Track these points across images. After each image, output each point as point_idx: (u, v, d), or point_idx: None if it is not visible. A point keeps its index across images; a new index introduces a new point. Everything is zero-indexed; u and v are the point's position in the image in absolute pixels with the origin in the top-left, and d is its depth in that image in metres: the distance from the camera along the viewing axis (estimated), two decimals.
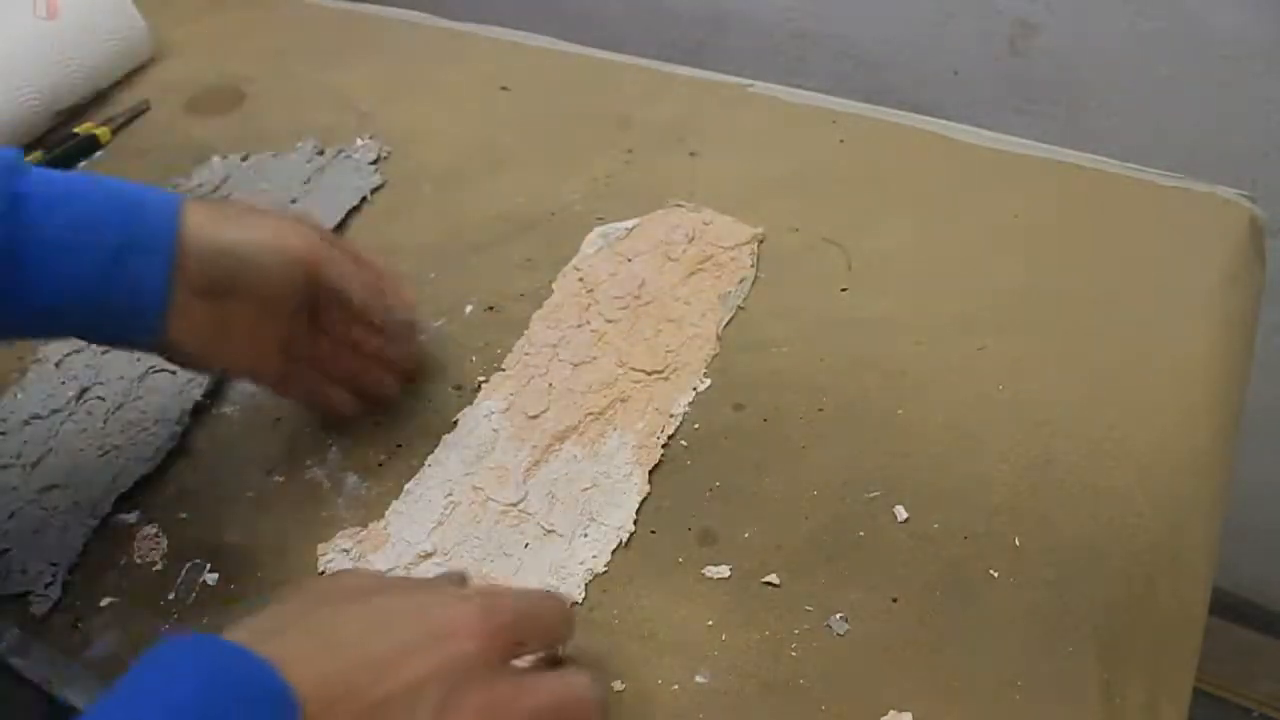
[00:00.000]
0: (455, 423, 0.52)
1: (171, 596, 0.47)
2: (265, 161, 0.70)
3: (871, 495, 0.47)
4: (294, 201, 0.66)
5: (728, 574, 0.45)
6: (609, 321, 0.55)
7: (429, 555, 0.47)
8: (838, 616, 0.43)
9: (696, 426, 0.51)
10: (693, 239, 0.59)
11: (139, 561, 0.49)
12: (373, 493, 0.50)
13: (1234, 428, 0.53)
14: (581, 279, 0.58)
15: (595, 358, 0.54)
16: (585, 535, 0.47)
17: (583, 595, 0.45)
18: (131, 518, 0.51)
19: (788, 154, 0.66)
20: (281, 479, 0.52)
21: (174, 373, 0.56)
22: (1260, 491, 0.99)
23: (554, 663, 0.39)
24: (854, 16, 0.89)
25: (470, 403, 0.53)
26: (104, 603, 0.48)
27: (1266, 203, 0.61)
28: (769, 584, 0.45)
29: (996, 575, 0.44)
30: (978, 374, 0.51)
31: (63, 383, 0.56)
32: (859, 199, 0.62)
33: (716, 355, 0.54)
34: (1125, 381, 0.50)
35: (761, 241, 0.59)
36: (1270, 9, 0.72)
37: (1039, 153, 0.64)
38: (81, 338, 0.45)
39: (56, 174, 0.42)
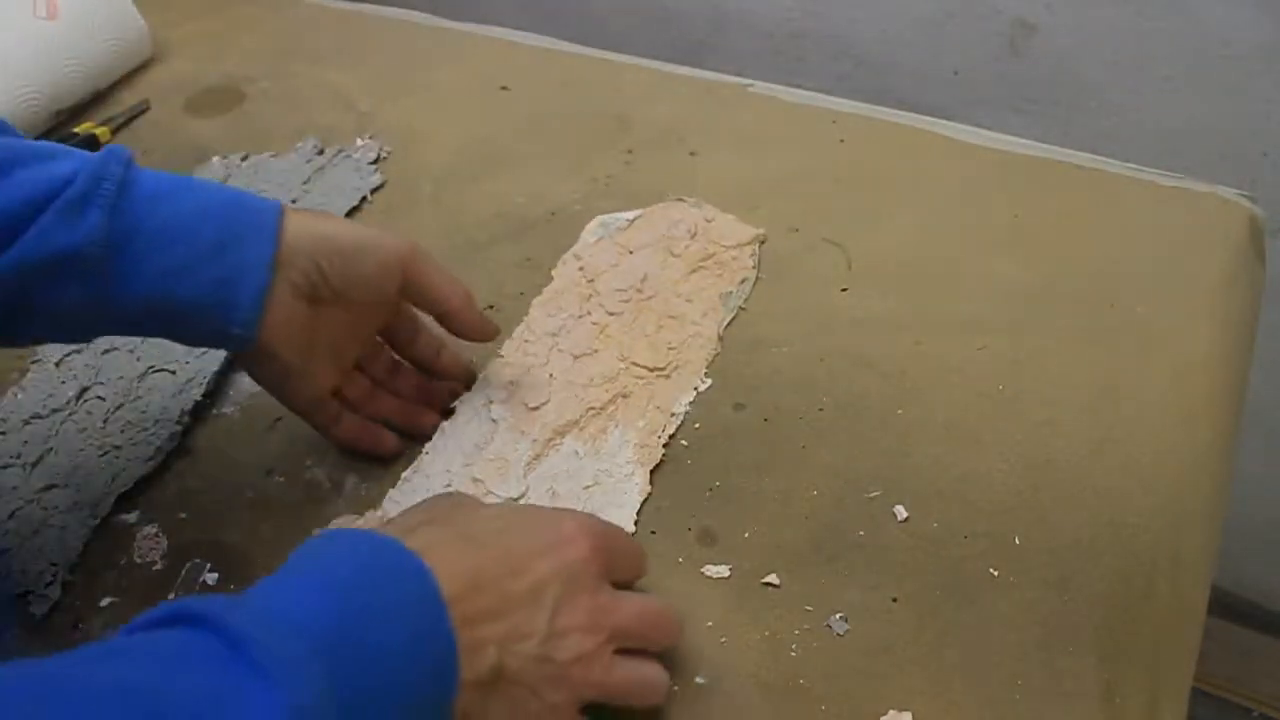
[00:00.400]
0: (453, 410, 0.52)
1: (171, 596, 0.47)
2: (265, 161, 0.70)
3: (871, 495, 0.47)
4: (294, 201, 0.66)
5: (728, 574, 0.45)
6: (610, 314, 0.55)
7: None
8: (838, 616, 0.43)
9: (697, 426, 0.51)
10: (695, 235, 0.59)
11: (139, 561, 0.49)
12: (372, 493, 0.50)
13: (1234, 427, 0.53)
14: (582, 268, 0.58)
15: (596, 350, 0.53)
16: None
17: None
18: (131, 518, 0.51)
19: (788, 154, 0.66)
20: (281, 479, 0.52)
21: (173, 372, 0.56)
22: (1260, 491, 0.99)
23: None
24: (854, 16, 0.89)
25: (468, 389, 0.53)
26: (104, 603, 0.48)
27: (1266, 203, 0.61)
28: (769, 584, 0.45)
29: (996, 575, 0.44)
30: (978, 374, 0.51)
31: (63, 383, 0.56)
32: (859, 199, 0.62)
33: (717, 355, 0.54)
34: (1125, 381, 0.50)
35: (763, 243, 0.59)
36: (1270, 9, 0.72)
37: (1039, 153, 0.64)
38: (172, 335, 0.45)
39: (162, 173, 0.44)
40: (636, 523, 0.47)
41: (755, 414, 0.51)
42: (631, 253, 0.58)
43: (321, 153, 0.71)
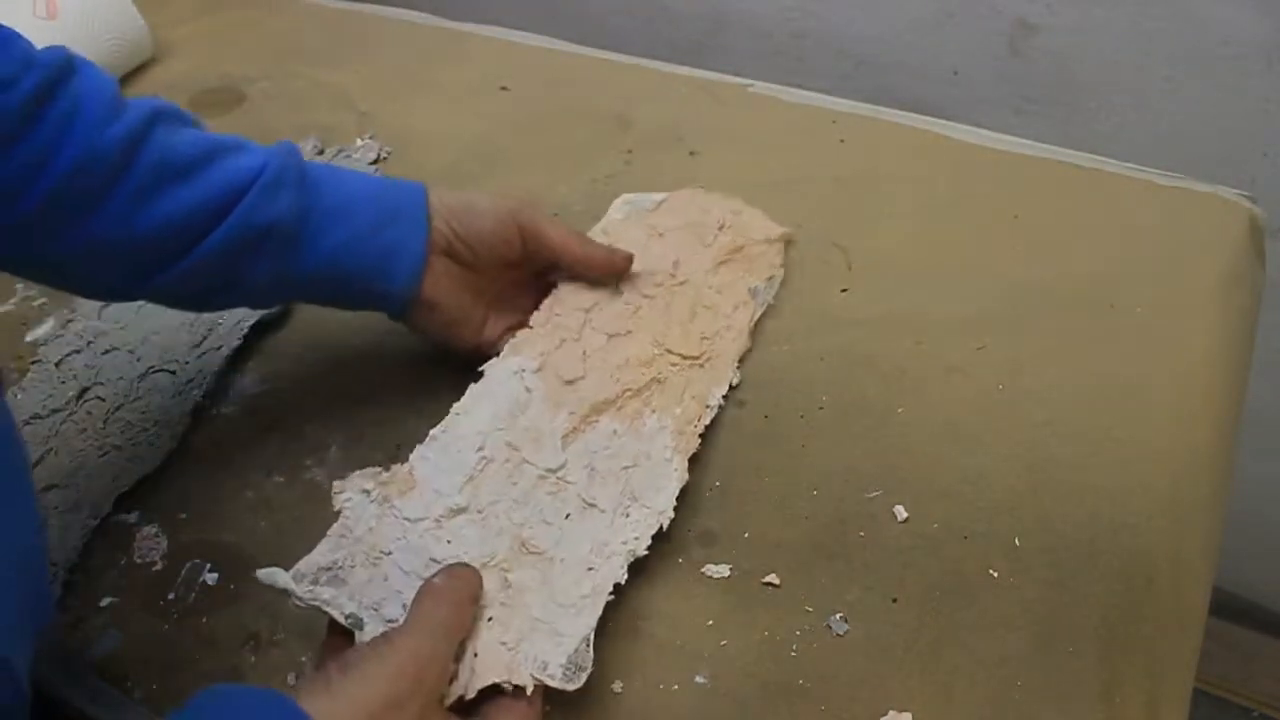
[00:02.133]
0: (481, 373, 0.50)
1: (171, 596, 0.47)
2: None
3: (871, 495, 0.47)
4: None
5: (728, 574, 0.45)
6: (644, 296, 0.53)
7: (462, 510, 0.44)
8: (838, 616, 0.43)
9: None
10: (724, 227, 0.58)
11: (139, 561, 0.49)
12: None
13: (1234, 428, 0.53)
14: (610, 244, 0.55)
15: (630, 331, 0.52)
16: (627, 515, 0.45)
17: (625, 577, 0.43)
18: (131, 518, 0.51)
19: (788, 154, 0.66)
20: (281, 479, 0.52)
21: (173, 373, 0.56)
22: (1260, 491, 0.99)
23: None
24: (854, 16, 0.89)
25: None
26: (104, 603, 0.48)
27: (1266, 203, 0.61)
28: (769, 584, 0.45)
29: (996, 575, 0.44)
30: (978, 374, 0.51)
31: (63, 383, 0.56)
32: (859, 199, 0.62)
33: (748, 352, 0.53)
34: (1125, 381, 0.50)
35: (790, 242, 0.59)
36: (1270, 9, 0.72)
37: (1039, 153, 0.64)
38: (340, 301, 0.51)
39: (316, 163, 0.50)
40: (676, 508, 0.45)
41: (755, 413, 0.51)
42: (661, 235, 0.57)
43: (321, 153, 0.70)
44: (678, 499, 0.46)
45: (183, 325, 0.59)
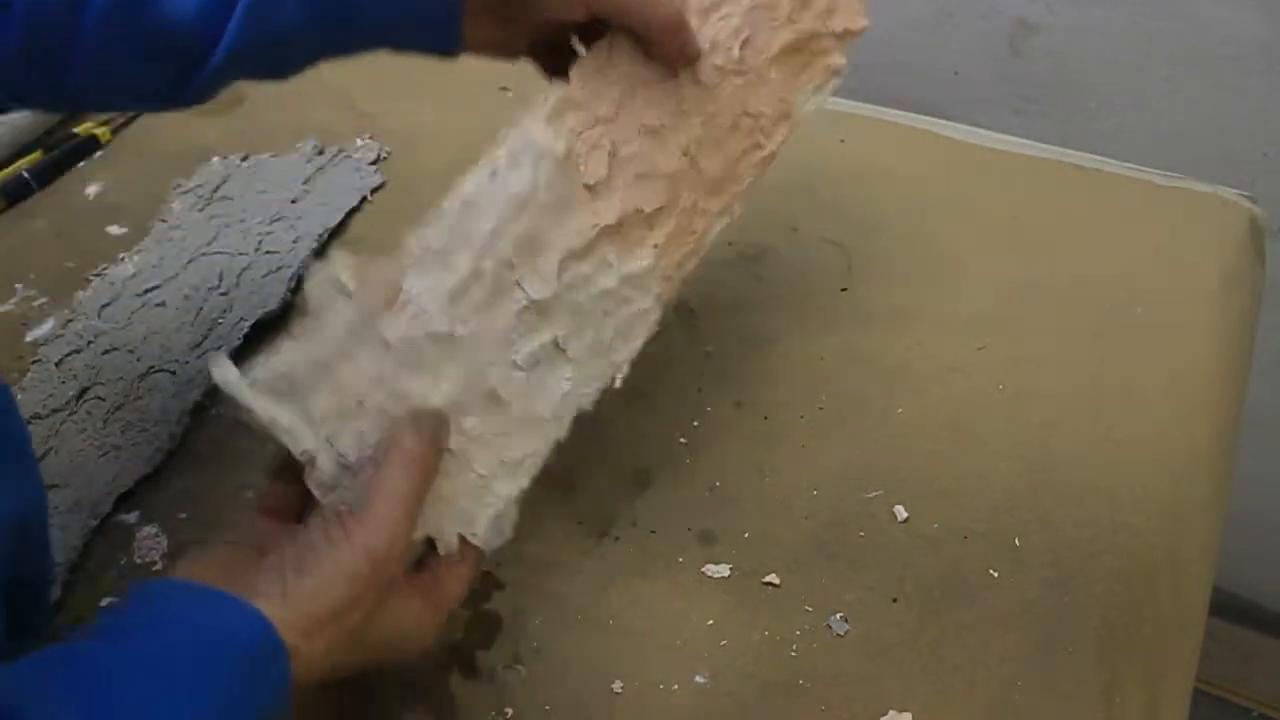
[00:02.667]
0: (502, 137, 0.43)
1: None
2: (265, 162, 0.70)
3: (871, 495, 0.47)
4: (294, 201, 0.66)
5: (728, 574, 0.45)
6: (697, 83, 0.46)
7: (442, 338, 0.40)
8: (838, 616, 0.43)
9: (696, 425, 0.51)
10: (808, 3, 0.48)
11: (139, 561, 0.49)
12: None
13: (1234, 428, 0.53)
14: None
15: (667, 129, 0.45)
16: (591, 367, 0.43)
17: (564, 434, 0.42)
18: (131, 518, 0.51)
19: (788, 154, 0.66)
20: None
21: (173, 373, 0.56)
22: (1260, 491, 0.99)
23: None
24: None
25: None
26: (104, 603, 0.48)
27: (1266, 203, 0.61)
28: (769, 584, 0.45)
29: (996, 575, 0.44)
30: (978, 373, 0.51)
31: (63, 383, 0.56)
32: (859, 199, 0.62)
33: (752, 183, 0.48)
34: (1125, 381, 0.50)
35: (858, 37, 0.50)
36: (1270, 9, 0.72)
37: (1039, 153, 0.64)
38: (385, 40, 0.46)
39: None
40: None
41: (755, 413, 0.51)
42: None
43: (321, 153, 0.70)
44: (682, 493, 0.46)
45: (183, 325, 0.59)
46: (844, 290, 0.57)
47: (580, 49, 0.45)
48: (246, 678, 0.31)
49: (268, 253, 0.63)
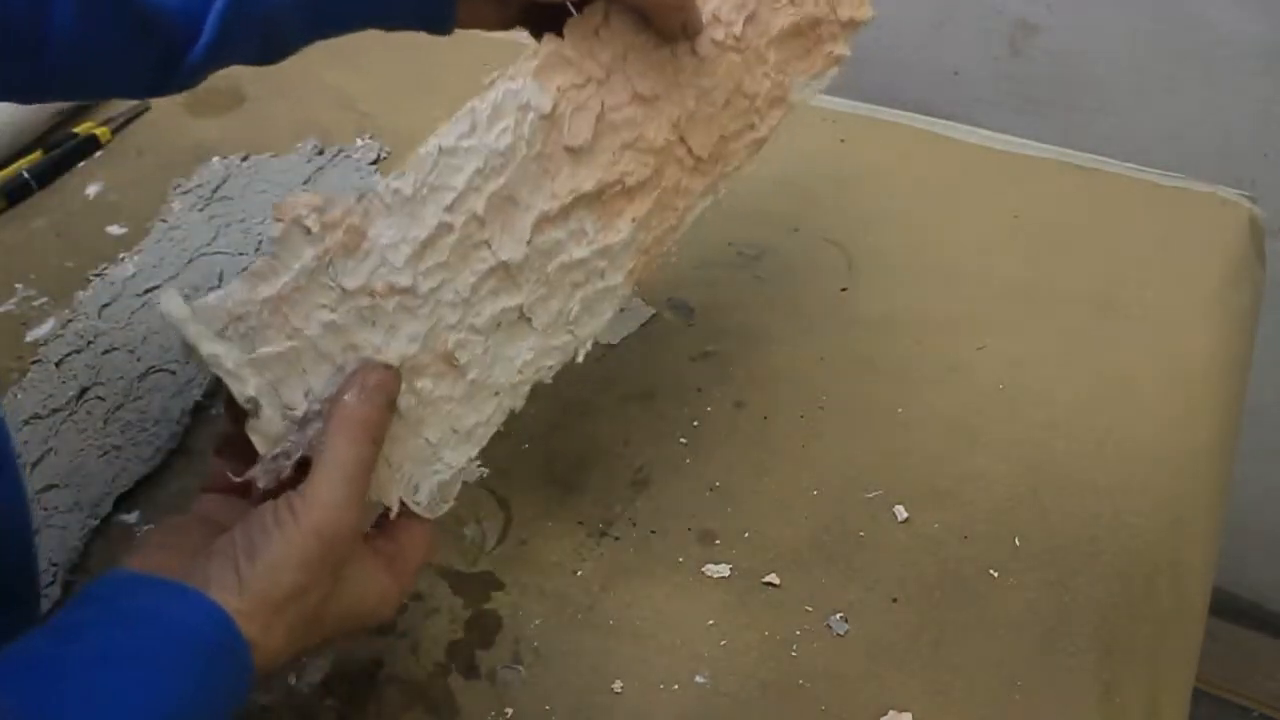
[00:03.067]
0: (490, 84, 0.43)
1: None
2: (265, 162, 0.70)
3: (871, 495, 0.47)
4: None
5: (728, 574, 0.45)
6: (693, 54, 0.45)
7: (402, 291, 0.38)
8: (838, 616, 0.43)
9: (696, 425, 0.51)
10: None
11: None
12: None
13: (1234, 428, 0.53)
14: None
15: (658, 99, 0.44)
16: (554, 339, 0.42)
17: (520, 406, 0.42)
18: (131, 518, 0.51)
19: (788, 154, 0.66)
20: None
21: (173, 373, 0.56)
22: (1261, 492, 0.99)
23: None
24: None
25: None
26: None
27: (1266, 203, 0.61)
28: (769, 584, 0.45)
29: (996, 575, 0.44)
30: (978, 373, 0.51)
31: (63, 383, 0.56)
32: (859, 199, 0.62)
33: (737, 168, 0.47)
34: (1125, 381, 0.50)
35: (863, 27, 0.50)
36: (1270, 9, 0.72)
37: (1039, 153, 0.64)
38: (378, 20, 0.47)
39: None
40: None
41: (755, 413, 0.51)
42: None
43: (321, 153, 0.70)
44: (682, 493, 0.46)
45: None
46: (844, 290, 0.57)
47: (573, 11, 0.43)
48: (208, 671, 0.30)
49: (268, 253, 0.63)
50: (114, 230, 0.66)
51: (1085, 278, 0.55)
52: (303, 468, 0.35)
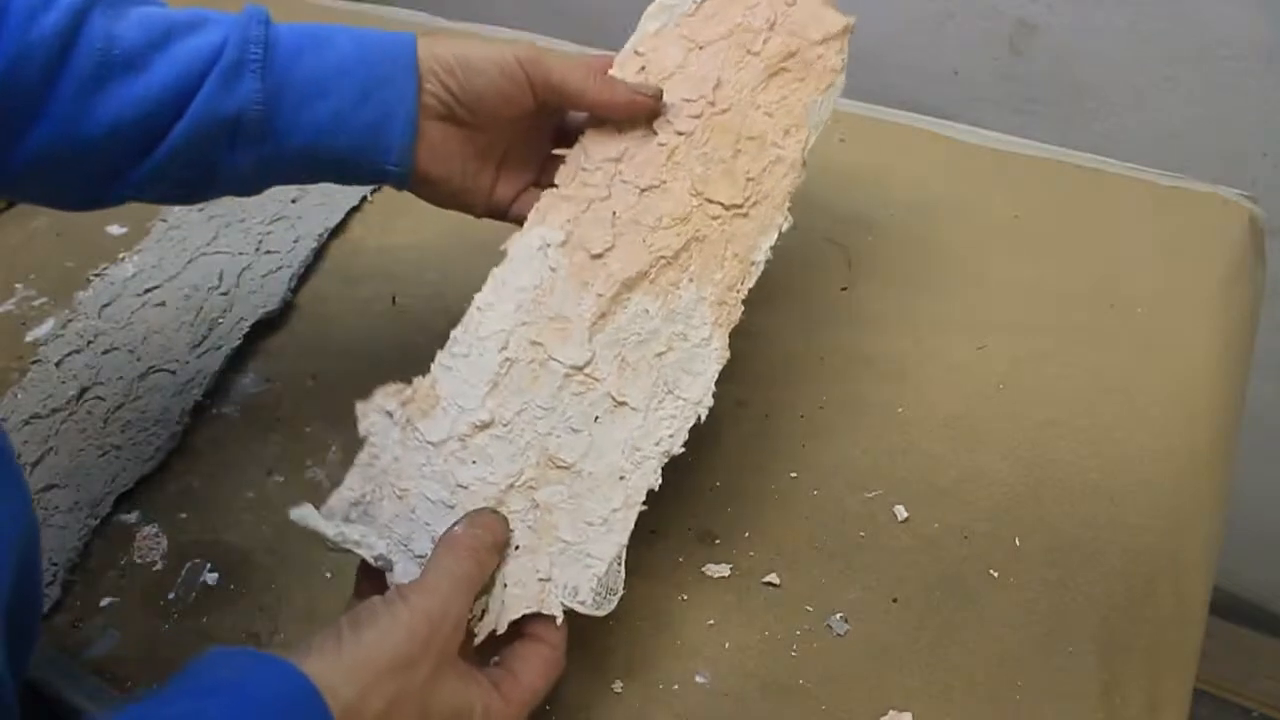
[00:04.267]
0: (503, 252, 0.45)
1: (171, 596, 0.47)
2: None
3: (871, 495, 0.47)
4: (294, 201, 0.66)
5: (728, 574, 0.45)
6: (680, 134, 0.47)
7: (486, 426, 0.41)
8: (838, 616, 0.43)
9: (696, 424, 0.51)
10: (774, 25, 0.49)
11: (139, 561, 0.49)
12: None
13: (1234, 428, 0.53)
14: (644, 67, 0.48)
15: (665, 182, 0.46)
16: (660, 410, 0.42)
17: (659, 482, 0.41)
18: (131, 518, 0.51)
19: None
20: (281, 479, 0.52)
21: (173, 373, 0.56)
22: (1261, 492, 0.99)
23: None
24: (854, 17, 0.89)
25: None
26: (104, 603, 0.48)
27: (1266, 203, 0.61)
28: (769, 584, 0.45)
29: (996, 575, 0.44)
30: (978, 373, 0.51)
31: (63, 383, 0.56)
32: (859, 199, 0.62)
33: (800, 185, 0.47)
34: (1125, 381, 0.50)
35: (851, 33, 0.50)
36: (1270, 9, 0.72)
37: (1039, 153, 0.64)
38: (337, 179, 0.47)
39: (294, 25, 0.44)
40: (715, 395, 0.42)
41: (755, 412, 0.51)
42: (701, 48, 0.49)
43: None
44: (682, 493, 0.46)
45: (183, 325, 0.59)
46: (844, 290, 0.57)
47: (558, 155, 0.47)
48: None
49: (268, 253, 0.63)
50: (114, 230, 0.66)
51: (1085, 278, 0.55)
52: None
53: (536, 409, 0.42)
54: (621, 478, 0.41)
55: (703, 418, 0.42)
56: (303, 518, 0.39)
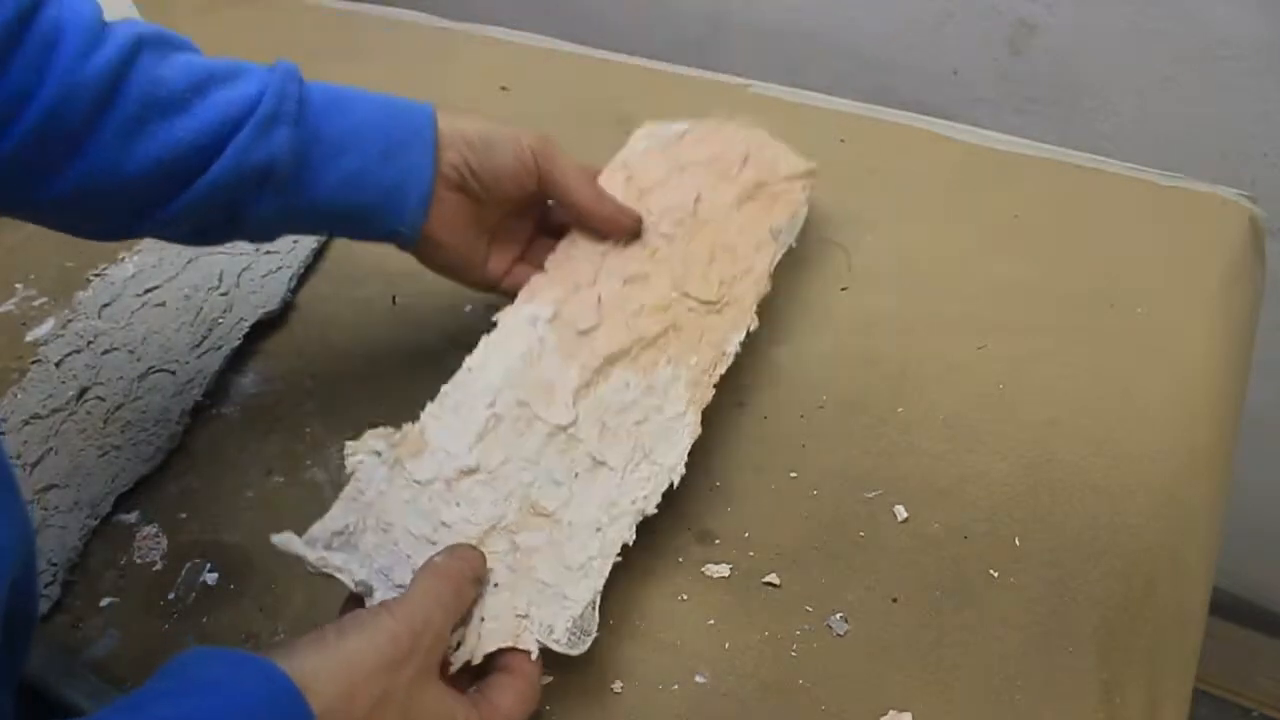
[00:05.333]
0: (494, 323, 0.49)
1: (171, 596, 0.47)
2: None
3: (871, 495, 0.47)
4: None
5: (728, 574, 0.45)
6: (662, 235, 0.52)
7: (472, 471, 0.44)
8: (838, 616, 0.43)
9: None
10: (747, 160, 0.55)
11: (139, 561, 0.49)
12: None
13: (1234, 428, 0.53)
14: (630, 178, 0.54)
15: (648, 275, 0.50)
16: (636, 472, 0.44)
17: (633, 538, 0.43)
18: (131, 518, 0.51)
19: None
20: (281, 479, 0.52)
21: (173, 373, 0.56)
22: (1261, 492, 0.99)
23: None
24: (855, 17, 0.89)
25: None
26: (104, 603, 0.48)
27: (1266, 203, 0.61)
28: (769, 584, 0.45)
29: (996, 575, 0.44)
30: (978, 373, 0.51)
31: (63, 383, 0.56)
32: (859, 199, 0.62)
33: (766, 296, 0.51)
34: (1125, 381, 0.50)
35: (814, 177, 0.56)
36: (1270, 9, 0.72)
37: (1039, 153, 0.64)
38: (348, 234, 0.49)
39: (329, 84, 0.47)
40: (687, 465, 0.45)
41: (755, 413, 0.51)
42: (682, 169, 0.55)
43: None
44: (682, 493, 0.46)
45: (183, 325, 0.59)
46: (844, 290, 0.57)
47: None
48: None
49: (268, 253, 0.63)
50: None
51: (1085, 278, 0.55)
52: None
53: (521, 460, 0.44)
54: (599, 529, 0.43)
55: (675, 484, 0.44)
56: (285, 542, 0.40)
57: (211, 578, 0.48)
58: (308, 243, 0.63)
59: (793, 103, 0.70)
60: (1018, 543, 0.45)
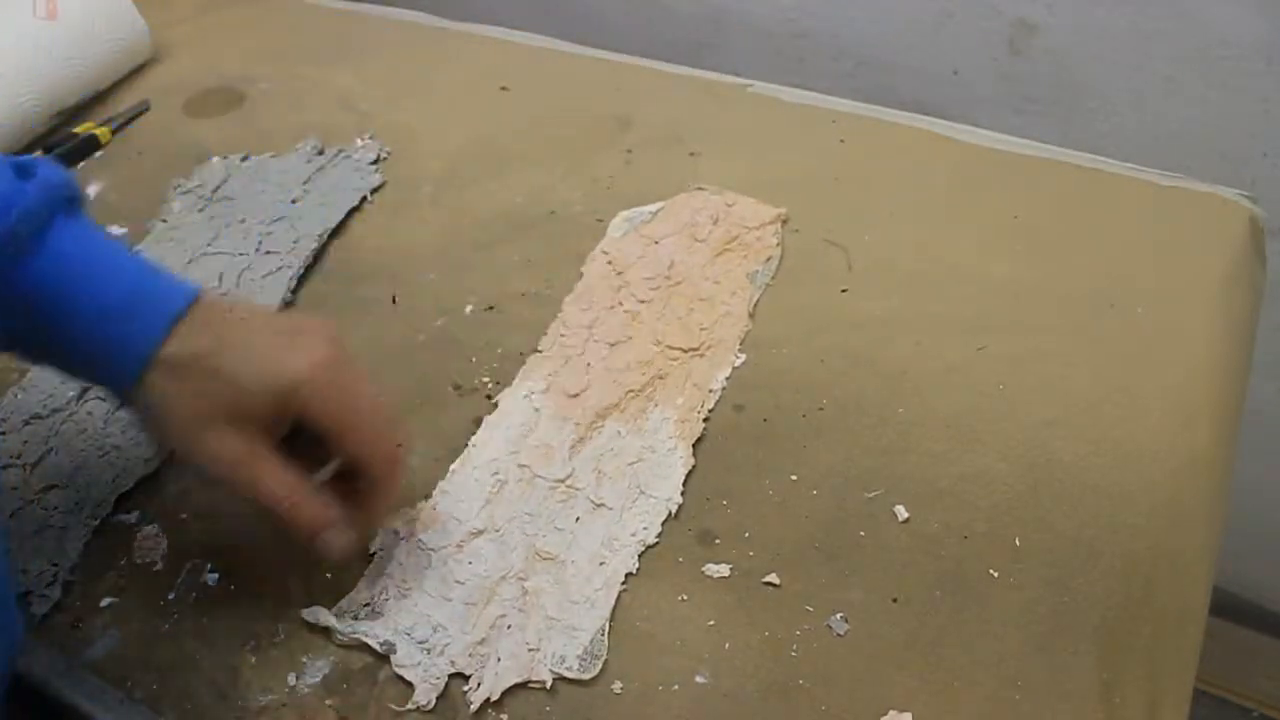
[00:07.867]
0: (495, 404, 0.52)
1: (171, 596, 0.47)
2: (265, 162, 0.70)
3: (871, 495, 0.47)
4: (294, 201, 0.66)
5: (728, 574, 0.45)
6: (641, 302, 0.56)
7: (480, 532, 0.47)
8: (838, 616, 0.43)
9: None
10: (718, 220, 0.60)
11: (139, 561, 0.49)
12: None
13: (1234, 428, 0.53)
14: (610, 262, 0.58)
15: (631, 337, 0.54)
16: (634, 507, 0.47)
17: (636, 566, 0.45)
18: (131, 518, 0.51)
19: (787, 154, 0.66)
20: None
21: None
22: (1260, 492, 0.99)
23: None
24: (854, 17, 0.89)
25: (499, 388, 0.53)
26: (104, 603, 0.48)
27: (1266, 203, 0.61)
28: (769, 584, 0.45)
29: (996, 575, 0.44)
30: (978, 374, 0.51)
31: (63, 383, 0.56)
32: (859, 199, 0.62)
33: (749, 331, 0.54)
34: (1125, 381, 0.50)
35: (785, 221, 0.60)
36: (1270, 9, 0.71)
37: (1039, 153, 0.64)
38: (62, 371, 0.44)
39: (88, 234, 0.43)
40: (683, 493, 0.47)
41: (755, 414, 0.51)
42: (657, 243, 0.59)
43: (321, 153, 0.70)
44: (685, 487, 0.47)
45: None
46: (844, 290, 0.57)
47: None
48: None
49: (268, 253, 0.63)
50: (114, 230, 0.66)
51: (1085, 278, 0.55)
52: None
53: (525, 516, 0.47)
54: (602, 563, 0.45)
55: (674, 512, 0.47)
56: (314, 615, 0.45)
57: (211, 578, 0.48)
58: (308, 243, 0.63)
59: (793, 103, 0.70)
60: (1018, 543, 0.45)
